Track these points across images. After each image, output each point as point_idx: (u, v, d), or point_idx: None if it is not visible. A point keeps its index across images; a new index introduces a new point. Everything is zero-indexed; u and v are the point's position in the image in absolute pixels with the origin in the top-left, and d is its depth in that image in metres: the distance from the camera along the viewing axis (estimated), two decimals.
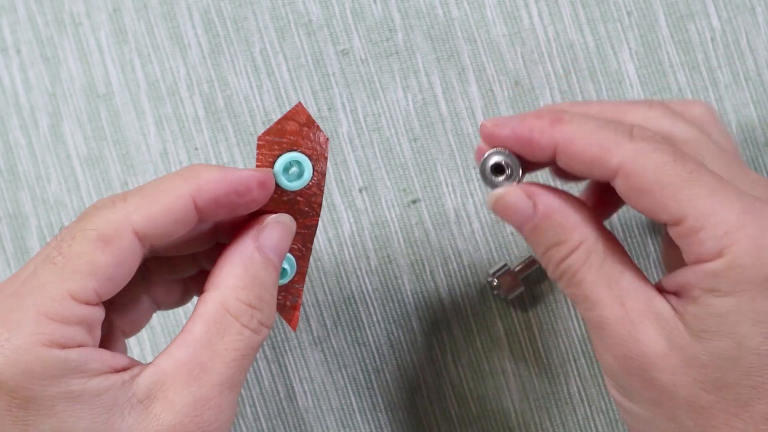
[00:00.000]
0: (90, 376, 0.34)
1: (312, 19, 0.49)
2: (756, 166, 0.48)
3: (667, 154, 0.36)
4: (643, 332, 0.36)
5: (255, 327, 0.36)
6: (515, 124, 0.38)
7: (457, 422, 0.48)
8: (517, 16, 0.48)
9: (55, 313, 0.34)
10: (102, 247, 0.35)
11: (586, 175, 0.37)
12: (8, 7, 0.50)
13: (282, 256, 0.37)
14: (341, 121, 0.49)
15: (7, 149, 0.49)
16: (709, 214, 0.35)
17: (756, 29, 0.48)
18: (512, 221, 0.38)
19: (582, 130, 0.37)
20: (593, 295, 0.36)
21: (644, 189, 0.36)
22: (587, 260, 0.37)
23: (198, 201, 0.36)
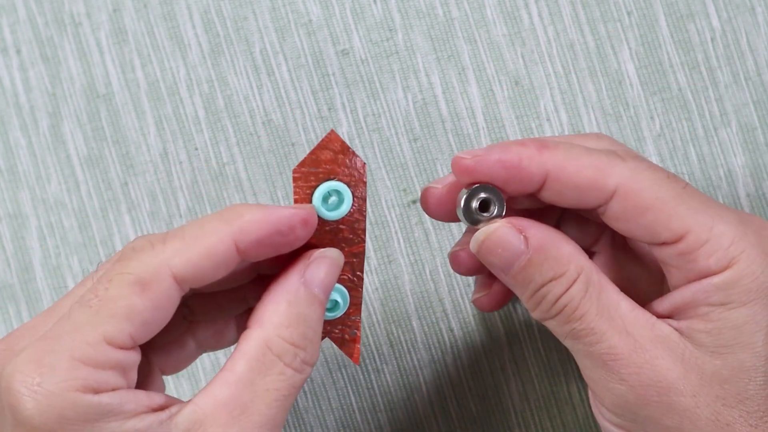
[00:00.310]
0: (125, 418, 0.33)
1: (312, 19, 0.49)
2: (756, 166, 0.48)
3: (660, 171, 0.36)
4: (658, 356, 0.35)
5: (298, 366, 0.35)
6: (499, 152, 0.36)
7: (457, 422, 0.48)
8: (517, 16, 0.48)
9: (89, 358, 0.33)
10: (139, 291, 0.34)
11: (574, 204, 0.36)
12: (8, 7, 0.50)
13: (328, 292, 0.36)
14: (341, 121, 0.49)
15: (7, 149, 0.49)
16: (712, 226, 0.35)
17: (756, 29, 0.48)
18: (501, 259, 0.36)
19: (572, 154, 0.36)
20: (599, 327, 0.35)
21: (643, 207, 0.35)
22: (587, 292, 0.35)
23: (240, 244, 0.35)
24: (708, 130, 0.48)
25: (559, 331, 0.36)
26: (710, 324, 0.35)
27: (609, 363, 0.35)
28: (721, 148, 0.48)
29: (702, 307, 0.35)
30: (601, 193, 0.35)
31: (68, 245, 0.49)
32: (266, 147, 0.49)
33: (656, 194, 0.35)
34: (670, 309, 0.36)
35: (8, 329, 0.49)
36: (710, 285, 0.35)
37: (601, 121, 0.48)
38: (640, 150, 0.48)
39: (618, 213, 0.35)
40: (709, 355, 0.35)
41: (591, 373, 0.36)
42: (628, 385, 0.35)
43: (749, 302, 0.34)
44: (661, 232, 0.35)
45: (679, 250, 0.35)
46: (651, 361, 0.35)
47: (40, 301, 0.49)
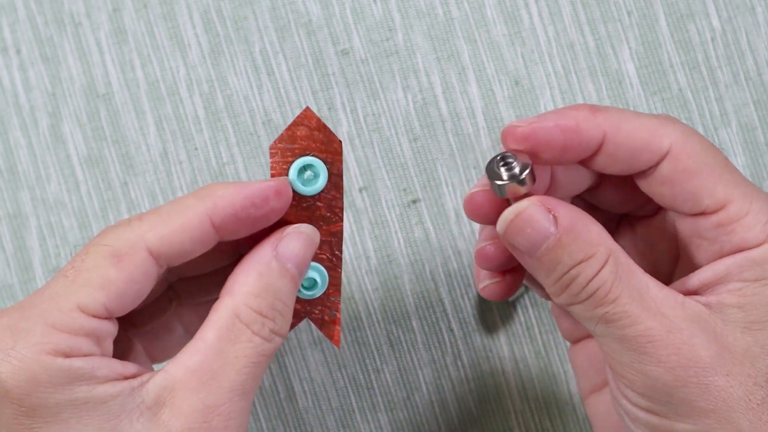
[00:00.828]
0: (97, 383, 0.34)
1: (312, 19, 0.49)
2: (756, 166, 0.48)
3: (706, 139, 0.36)
4: (694, 335, 0.34)
5: (266, 335, 0.35)
6: (555, 118, 0.35)
7: (457, 422, 0.48)
8: (517, 16, 0.48)
9: (62, 324, 0.34)
10: (115, 262, 0.35)
11: (624, 169, 0.36)
12: (8, 7, 0.50)
13: (302, 266, 0.37)
14: (341, 121, 0.49)
15: (7, 149, 0.49)
16: (752, 200, 0.35)
17: (756, 29, 0.48)
18: (528, 240, 0.35)
19: (625, 116, 0.35)
20: (632, 310, 0.34)
21: (692, 171, 0.35)
22: (617, 275, 0.35)
23: (215, 219, 0.35)
24: (708, 130, 0.48)
25: (588, 316, 0.35)
26: (743, 299, 0.34)
27: (645, 346, 0.34)
28: (721, 148, 0.48)
29: (734, 282, 0.34)
30: (654, 154, 0.35)
31: (68, 245, 0.49)
32: (266, 147, 0.49)
33: (705, 160, 0.35)
34: (699, 285, 0.36)
35: None
36: (746, 259, 0.34)
37: None
38: None
39: (666, 176, 0.35)
40: (740, 332, 0.34)
41: (623, 357, 0.35)
42: (666, 367, 0.34)
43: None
44: (704, 199, 0.35)
45: (718, 220, 0.35)
46: (688, 341, 0.34)
47: None
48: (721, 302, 0.35)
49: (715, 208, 0.35)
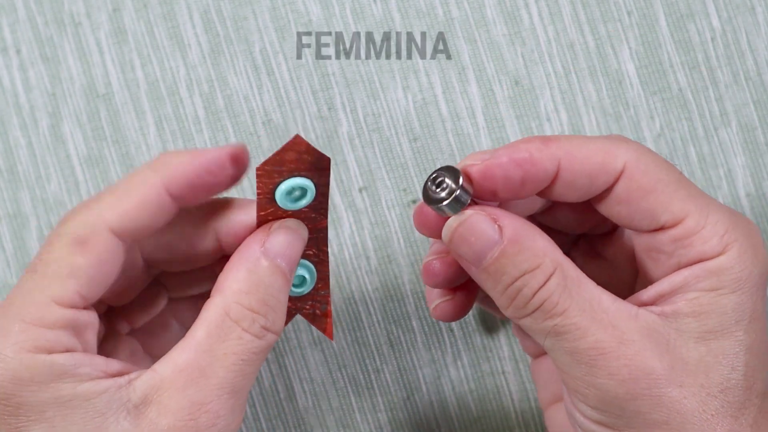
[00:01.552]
0: (80, 380, 0.34)
1: (312, 19, 0.49)
2: (756, 166, 0.48)
3: (659, 156, 0.36)
4: (646, 347, 0.34)
5: (257, 332, 0.35)
6: (508, 152, 0.35)
7: (457, 422, 0.48)
8: (517, 16, 0.48)
9: (39, 319, 0.34)
10: (79, 249, 0.34)
11: (583, 194, 0.36)
12: (8, 7, 0.50)
13: (290, 261, 0.36)
14: (341, 121, 0.49)
15: (7, 149, 0.49)
16: (708, 212, 0.35)
17: (756, 29, 0.48)
18: (473, 249, 0.35)
19: (577, 142, 0.35)
20: (582, 322, 0.34)
21: (647, 189, 0.35)
22: (566, 286, 0.34)
23: (171, 189, 0.35)
24: (708, 130, 0.48)
25: (537, 329, 0.35)
26: (698, 308, 0.34)
27: (596, 358, 0.34)
28: (721, 148, 0.48)
29: (691, 292, 0.34)
30: (609, 175, 0.35)
31: None
32: (266, 147, 0.49)
33: (659, 176, 0.35)
34: (655, 296, 0.35)
35: None
36: (703, 269, 0.34)
37: (601, 121, 0.48)
38: None
39: (622, 195, 0.35)
40: (694, 342, 0.34)
41: (574, 370, 0.35)
42: (617, 380, 0.34)
43: (738, 290, 0.34)
44: (661, 215, 0.35)
45: (676, 235, 0.35)
46: (640, 353, 0.34)
47: None
48: (676, 311, 0.34)
49: (673, 223, 0.35)
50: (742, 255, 0.35)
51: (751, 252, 0.35)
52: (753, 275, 0.35)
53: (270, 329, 0.36)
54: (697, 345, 0.34)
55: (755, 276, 0.35)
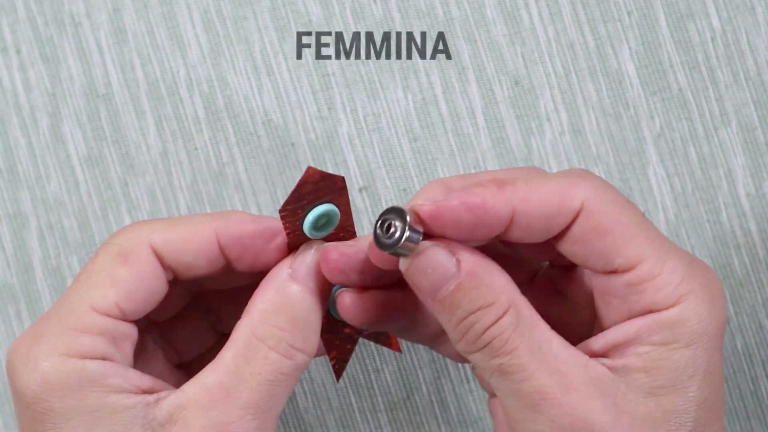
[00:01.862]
0: (110, 391, 0.34)
1: (312, 19, 0.49)
2: (756, 166, 0.48)
3: (620, 194, 0.35)
4: (592, 398, 0.33)
5: (284, 351, 0.34)
6: (461, 195, 0.33)
7: (457, 422, 0.48)
8: (517, 16, 0.48)
9: (75, 324, 0.34)
10: (122, 261, 0.35)
11: (541, 236, 0.34)
12: (8, 7, 0.50)
13: (320, 281, 0.36)
14: (341, 121, 0.49)
15: (7, 149, 0.49)
16: (666, 260, 0.34)
17: (756, 29, 0.48)
18: (429, 281, 0.33)
19: (533, 185, 0.34)
20: (529, 364, 0.33)
21: (604, 230, 0.34)
22: (518, 326, 0.33)
23: (221, 237, 0.35)
24: (708, 130, 0.48)
25: (485, 366, 0.34)
26: (649, 363, 0.33)
27: (539, 403, 0.33)
28: (721, 148, 0.48)
29: (642, 346, 0.33)
30: (566, 216, 0.34)
31: (68, 245, 0.49)
32: (266, 147, 0.49)
33: (618, 217, 0.34)
34: (606, 347, 0.34)
35: (8, 329, 0.49)
36: (655, 322, 0.33)
37: (601, 121, 0.48)
38: (640, 150, 0.48)
39: (577, 235, 0.34)
40: (643, 397, 0.33)
41: (516, 413, 0.34)
42: (556, 427, 0.33)
43: (692, 344, 0.33)
44: (615, 258, 0.34)
45: (629, 279, 0.34)
46: (583, 403, 0.33)
47: (39, 301, 0.49)
48: (626, 366, 0.33)
49: (627, 267, 0.34)
50: (698, 307, 0.33)
51: (708, 303, 0.34)
52: (709, 328, 0.34)
53: (299, 349, 0.35)
54: (645, 400, 0.33)
55: (711, 329, 0.34)
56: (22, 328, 0.49)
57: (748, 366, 0.48)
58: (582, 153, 0.48)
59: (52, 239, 0.49)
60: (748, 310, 0.48)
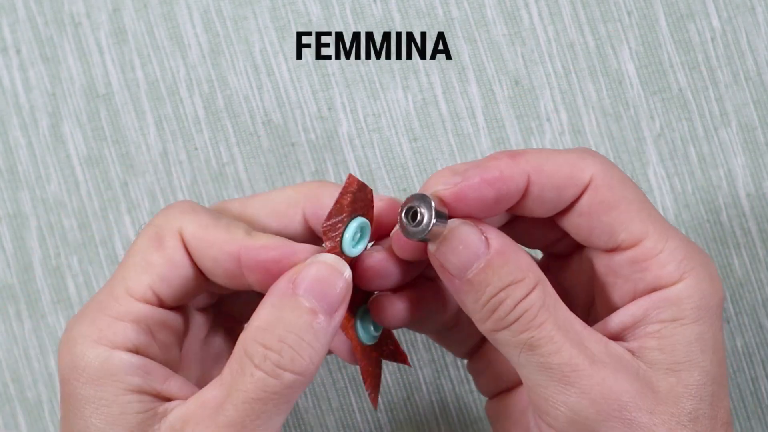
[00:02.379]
0: (125, 389, 0.34)
1: (312, 19, 0.49)
2: (756, 166, 0.48)
3: (624, 174, 0.35)
4: (618, 370, 0.34)
5: (269, 370, 0.33)
6: (478, 172, 0.34)
7: (457, 422, 0.48)
8: (517, 16, 0.48)
9: (111, 309, 0.34)
10: (156, 246, 0.35)
11: (551, 208, 0.35)
12: (8, 7, 0.50)
13: (322, 297, 0.34)
14: (341, 121, 0.49)
15: (7, 149, 0.49)
16: (668, 237, 0.34)
17: (756, 29, 0.48)
18: (460, 258, 0.34)
19: (544, 155, 0.35)
20: (558, 338, 0.33)
21: (610, 204, 0.34)
22: (545, 302, 0.34)
23: (244, 258, 0.35)
24: (708, 130, 0.48)
25: (514, 341, 0.34)
26: (663, 340, 0.34)
27: (569, 374, 0.33)
28: (721, 148, 0.48)
29: (653, 324, 0.34)
30: (577, 187, 0.34)
31: (68, 245, 0.49)
32: (266, 147, 0.49)
33: (623, 193, 0.35)
34: (616, 330, 0.35)
35: (8, 329, 0.49)
36: (662, 299, 0.34)
37: (601, 121, 0.48)
38: (640, 150, 0.48)
39: (584, 208, 0.35)
40: (663, 373, 0.34)
41: (544, 388, 0.34)
42: (589, 399, 0.33)
43: (699, 320, 0.34)
44: (620, 233, 0.34)
45: (633, 256, 0.34)
46: (612, 375, 0.33)
47: (39, 301, 0.49)
48: (642, 347, 0.34)
49: (631, 243, 0.34)
50: (700, 283, 0.34)
51: (708, 281, 0.34)
52: (711, 305, 0.34)
53: (286, 368, 0.33)
54: (666, 376, 0.34)
55: (713, 305, 0.34)
56: (22, 328, 0.49)
57: (748, 366, 0.48)
58: None
59: (52, 239, 0.49)
60: (748, 310, 0.48)
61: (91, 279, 0.49)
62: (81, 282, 0.49)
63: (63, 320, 0.49)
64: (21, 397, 0.49)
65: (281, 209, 0.37)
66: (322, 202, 0.36)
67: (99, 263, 0.49)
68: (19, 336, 0.49)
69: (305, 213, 0.37)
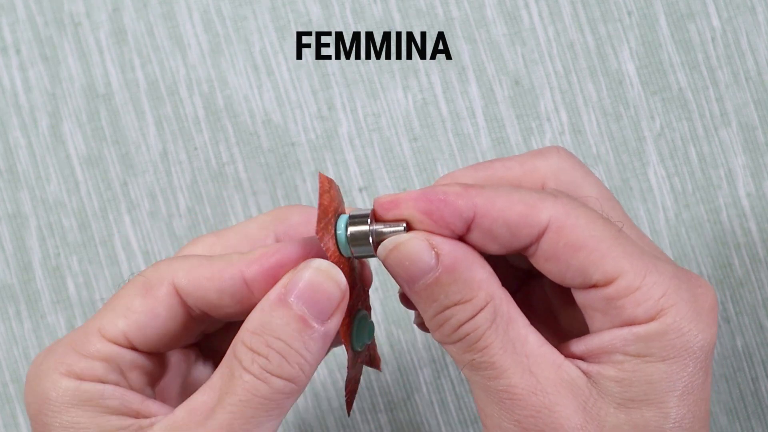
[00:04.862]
0: (102, 411, 0.34)
1: (312, 19, 0.49)
2: (756, 166, 0.48)
3: (594, 211, 0.34)
4: (558, 403, 0.32)
5: (257, 373, 0.33)
6: (423, 190, 0.33)
7: (458, 422, 0.48)
8: (517, 16, 0.48)
9: (81, 347, 0.34)
10: (142, 293, 0.35)
11: (505, 246, 0.34)
12: (8, 7, 0.49)
13: (313, 304, 0.33)
14: (341, 121, 0.48)
15: (7, 149, 0.49)
16: (645, 274, 0.33)
17: (756, 29, 0.48)
18: (406, 272, 0.33)
19: (500, 191, 0.33)
20: (501, 362, 0.33)
21: (577, 245, 0.33)
22: (493, 323, 0.33)
23: (247, 274, 0.34)
24: (708, 130, 0.48)
25: (459, 359, 0.34)
26: (622, 373, 0.33)
27: (506, 401, 0.33)
28: (721, 148, 0.48)
29: (617, 355, 0.33)
30: (532, 228, 0.33)
31: (68, 245, 0.49)
32: (266, 147, 0.49)
33: (591, 232, 0.33)
34: (584, 351, 0.34)
35: (8, 329, 0.49)
36: (631, 333, 0.33)
37: (601, 121, 0.48)
38: (641, 150, 0.48)
39: (549, 252, 0.33)
40: (614, 407, 0.33)
41: (485, 407, 0.33)
42: (521, 428, 0.32)
43: (669, 359, 0.33)
44: (592, 274, 0.33)
45: (607, 294, 0.33)
46: (550, 407, 0.32)
47: (39, 301, 0.49)
48: (600, 373, 0.33)
49: (605, 282, 0.33)
50: (680, 321, 0.33)
51: (691, 318, 0.33)
52: (690, 344, 0.33)
53: (273, 373, 0.33)
54: (616, 411, 0.33)
55: (696, 344, 0.33)
56: (22, 328, 0.49)
57: (748, 366, 0.48)
58: (582, 153, 0.48)
59: (51, 239, 0.49)
60: (748, 310, 0.48)
61: (90, 279, 0.49)
62: (81, 282, 0.49)
63: (63, 320, 0.49)
64: (21, 397, 0.49)
65: (253, 234, 0.37)
66: (291, 221, 0.37)
67: (99, 263, 0.49)
68: (18, 336, 0.49)
69: (276, 234, 0.36)
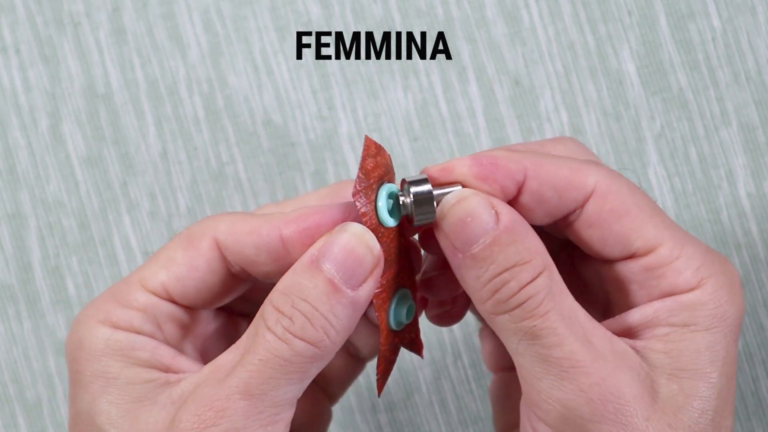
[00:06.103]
0: (131, 363, 0.34)
1: (312, 19, 0.49)
2: (756, 166, 0.48)
3: (632, 182, 0.34)
4: (618, 371, 0.32)
5: (280, 333, 0.32)
6: (473, 156, 0.33)
7: (458, 422, 0.48)
8: (517, 16, 0.48)
9: (121, 296, 0.35)
10: (184, 246, 0.35)
11: (552, 210, 0.33)
12: (7, 7, 0.49)
13: (345, 268, 0.32)
14: (341, 121, 0.48)
15: (7, 149, 0.49)
16: (684, 243, 0.33)
17: (757, 29, 0.48)
18: (466, 231, 0.32)
19: (546, 156, 0.34)
20: (562, 329, 0.32)
21: (621, 211, 0.33)
22: (551, 289, 0.32)
23: (284, 231, 0.34)
24: (709, 130, 0.48)
25: (513, 329, 0.32)
26: (670, 344, 0.32)
27: (568, 370, 0.31)
28: (721, 148, 0.48)
29: (662, 327, 0.33)
30: (579, 192, 0.33)
31: (67, 245, 0.49)
32: (266, 147, 0.49)
33: (633, 200, 0.33)
34: (625, 328, 0.33)
35: (7, 330, 0.49)
36: (675, 302, 0.33)
37: (601, 121, 0.48)
38: (641, 150, 0.48)
39: (592, 217, 0.33)
40: (666, 378, 0.32)
41: (539, 380, 0.32)
42: (586, 398, 0.31)
43: (711, 328, 0.33)
44: (634, 241, 0.33)
45: (648, 263, 0.33)
46: (613, 374, 0.32)
47: (39, 301, 0.49)
48: (647, 347, 0.33)
49: (646, 250, 0.33)
50: (718, 291, 0.33)
51: (726, 290, 0.33)
52: (727, 315, 0.33)
53: (296, 334, 0.32)
54: (668, 382, 0.32)
55: (730, 316, 0.33)
56: (21, 329, 0.49)
57: (748, 366, 0.48)
58: None
59: (51, 239, 0.49)
60: (748, 310, 0.48)
61: (90, 279, 0.49)
62: (80, 282, 0.49)
63: (62, 320, 0.49)
64: (20, 397, 0.49)
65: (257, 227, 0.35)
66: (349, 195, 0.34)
67: (98, 263, 0.49)
68: (18, 336, 0.49)
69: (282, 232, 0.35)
